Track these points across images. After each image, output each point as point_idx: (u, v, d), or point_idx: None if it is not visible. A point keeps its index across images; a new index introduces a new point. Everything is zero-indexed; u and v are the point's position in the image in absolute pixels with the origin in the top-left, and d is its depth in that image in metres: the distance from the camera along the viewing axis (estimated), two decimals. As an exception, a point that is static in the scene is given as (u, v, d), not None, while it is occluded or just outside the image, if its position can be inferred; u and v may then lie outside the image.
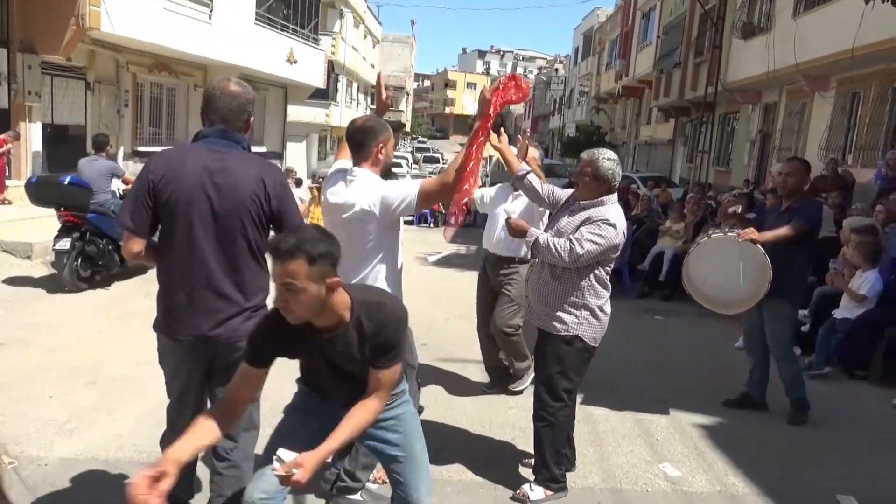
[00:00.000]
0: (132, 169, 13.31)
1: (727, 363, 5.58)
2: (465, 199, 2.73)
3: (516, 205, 4.40)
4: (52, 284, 7.35)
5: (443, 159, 45.06)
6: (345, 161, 3.06)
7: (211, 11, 13.41)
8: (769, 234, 4.10)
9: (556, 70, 53.03)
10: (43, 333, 5.64)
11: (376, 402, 2.16)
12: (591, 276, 3.12)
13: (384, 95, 3.20)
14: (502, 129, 3.68)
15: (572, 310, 3.13)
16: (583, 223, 3.09)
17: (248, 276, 2.50)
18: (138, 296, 7.20)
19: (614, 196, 3.20)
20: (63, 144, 11.55)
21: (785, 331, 4.31)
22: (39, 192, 7.23)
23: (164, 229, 2.48)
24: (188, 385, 2.63)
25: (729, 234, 4.22)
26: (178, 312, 2.48)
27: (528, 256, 4.44)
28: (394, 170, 26.04)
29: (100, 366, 4.90)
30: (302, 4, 18.48)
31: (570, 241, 3.03)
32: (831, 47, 11.13)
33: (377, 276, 2.82)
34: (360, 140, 2.83)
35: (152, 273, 8.14)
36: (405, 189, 2.77)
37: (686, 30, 19.81)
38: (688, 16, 19.87)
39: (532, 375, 4.69)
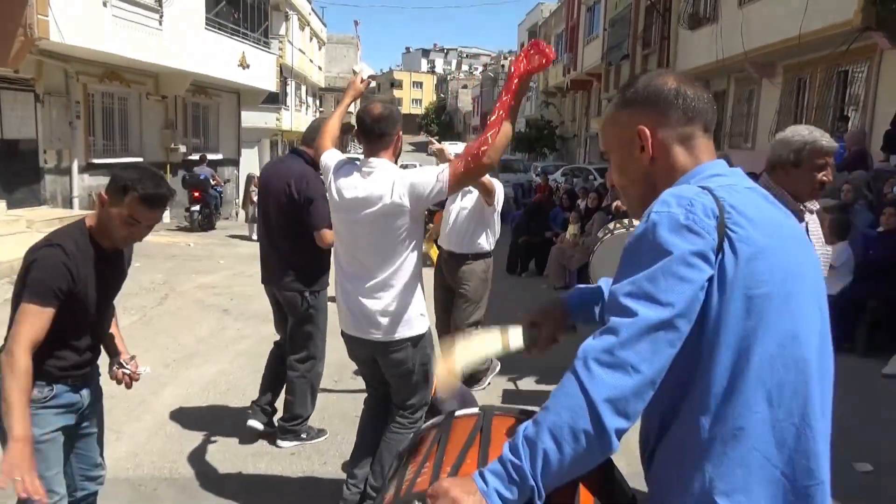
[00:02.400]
0: (87, 183, 12.91)
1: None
2: (479, 160, 2.45)
3: (466, 201, 4.42)
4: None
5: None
6: (334, 152, 2.87)
7: (161, 17, 13.04)
8: None
9: (503, 66, 53.46)
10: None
11: None
12: None
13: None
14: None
15: None
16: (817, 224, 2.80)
17: (291, 244, 3.64)
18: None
19: None
20: (15, 160, 11.06)
21: None
22: (189, 182, 14.43)
23: None
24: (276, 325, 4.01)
25: (630, 227, 3.60)
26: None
27: (483, 250, 4.42)
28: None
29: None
30: (251, 8, 18.16)
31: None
32: (778, 35, 11.55)
33: (407, 272, 2.65)
34: (383, 129, 2.65)
35: (134, 286, 7.83)
36: (434, 175, 2.54)
37: (633, 22, 20.23)
38: (633, 8, 20.30)
39: (492, 375, 4.68)
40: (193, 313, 7.09)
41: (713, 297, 1.09)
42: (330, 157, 2.85)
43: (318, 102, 41.18)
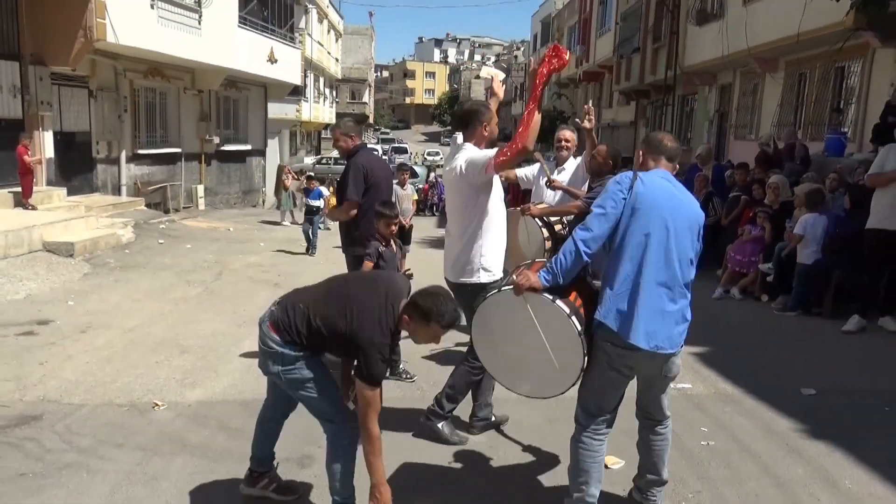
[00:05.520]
0: (133, 172, 13.94)
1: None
2: (516, 145, 3.24)
3: (561, 176, 5.18)
4: (98, 279, 8.13)
5: (410, 150, 47.00)
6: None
7: (200, 18, 14.01)
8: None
9: (516, 57, 54.08)
10: (114, 318, 6.41)
11: None
12: None
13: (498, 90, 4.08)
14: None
15: None
16: None
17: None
18: (181, 284, 8.01)
19: None
20: (72, 151, 12.11)
21: None
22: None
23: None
24: None
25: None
26: None
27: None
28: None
29: (181, 338, 5.74)
30: (278, 4, 19.09)
31: None
32: (778, 32, 12.30)
33: (473, 232, 3.55)
34: (467, 120, 3.63)
35: (190, 264, 8.83)
36: (485, 154, 3.46)
37: (643, 17, 20.95)
38: (644, 3, 21.00)
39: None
40: (248, 287, 8.06)
41: (624, 208, 2.70)
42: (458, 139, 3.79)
43: (334, 93, 42.11)
